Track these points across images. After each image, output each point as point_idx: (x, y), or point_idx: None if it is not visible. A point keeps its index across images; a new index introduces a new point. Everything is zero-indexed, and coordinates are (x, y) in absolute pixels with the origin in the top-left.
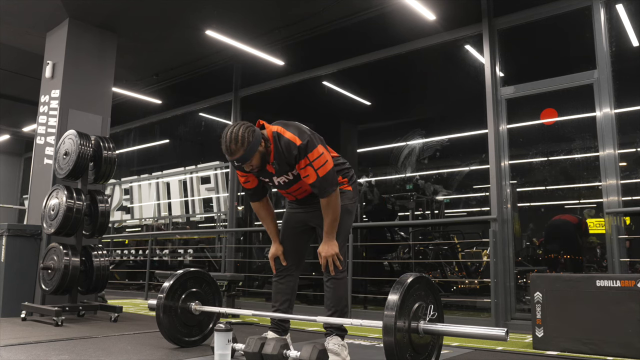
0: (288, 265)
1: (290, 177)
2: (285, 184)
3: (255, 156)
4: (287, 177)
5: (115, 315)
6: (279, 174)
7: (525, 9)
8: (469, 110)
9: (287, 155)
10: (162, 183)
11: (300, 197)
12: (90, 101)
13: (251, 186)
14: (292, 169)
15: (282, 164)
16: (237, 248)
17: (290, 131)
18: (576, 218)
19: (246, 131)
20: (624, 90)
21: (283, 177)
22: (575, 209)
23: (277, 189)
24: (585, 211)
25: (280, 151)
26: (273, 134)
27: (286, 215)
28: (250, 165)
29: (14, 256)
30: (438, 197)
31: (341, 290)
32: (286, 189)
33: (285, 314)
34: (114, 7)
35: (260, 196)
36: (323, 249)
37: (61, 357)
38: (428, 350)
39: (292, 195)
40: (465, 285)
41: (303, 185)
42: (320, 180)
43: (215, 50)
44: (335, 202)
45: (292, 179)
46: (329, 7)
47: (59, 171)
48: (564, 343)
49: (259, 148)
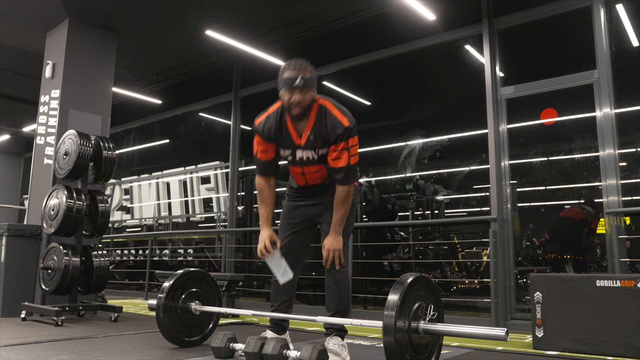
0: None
1: (315, 156)
2: (307, 161)
3: (310, 91)
4: (313, 154)
5: (115, 315)
6: (307, 147)
7: (525, 9)
8: (469, 110)
9: (329, 131)
10: (162, 183)
11: (310, 182)
12: (90, 101)
13: (267, 157)
14: (323, 147)
15: (317, 138)
16: (237, 248)
17: (339, 110)
18: (583, 214)
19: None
20: (624, 90)
21: (309, 153)
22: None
23: (292, 165)
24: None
25: (321, 124)
26: (319, 106)
27: (286, 210)
28: (303, 97)
29: (14, 256)
30: (438, 197)
31: (343, 291)
32: (303, 168)
33: (285, 314)
34: (114, 7)
35: (270, 172)
36: (329, 242)
37: (61, 357)
38: (428, 350)
39: (303, 178)
40: (465, 285)
41: (322, 170)
42: (349, 168)
43: (215, 50)
44: (350, 196)
45: (316, 159)
46: (329, 7)
47: (59, 171)
48: (564, 343)
49: (314, 88)
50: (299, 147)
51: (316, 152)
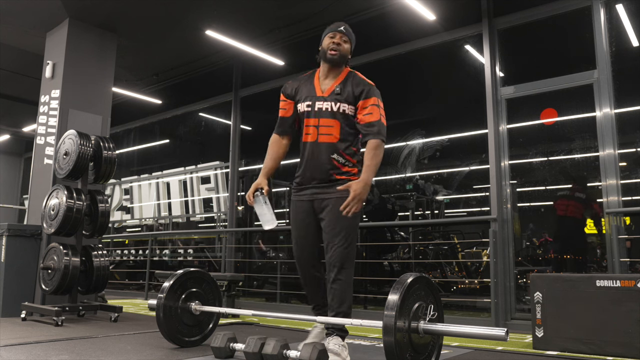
0: (306, 267)
1: (334, 108)
2: (324, 112)
3: (349, 44)
4: (332, 105)
5: (115, 315)
6: (329, 98)
7: (525, 9)
8: (469, 110)
9: (355, 86)
10: (162, 183)
11: (320, 138)
12: (90, 101)
13: (286, 114)
14: (345, 102)
15: (342, 92)
16: (237, 248)
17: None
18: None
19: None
20: (624, 90)
21: (329, 104)
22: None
23: (308, 118)
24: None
25: (349, 82)
26: (350, 71)
27: (292, 207)
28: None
29: (14, 256)
30: (438, 197)
31: (347, 291)
32: (318, 119)
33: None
34: (114, 7)
35: (285, 131)
36: (357, 186)
37: (61, 357)
38: (428, 350)
39: (316, 132)
40: (465, 285)
41: (335, 127)
42: (380, 123)
43: (215, 50)
44: (381, 152)
45: (333, 112)
46: (329, 7)
47: (59, 171)
48: (564, 343)
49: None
50: (321, 97)
51: (336, 105)
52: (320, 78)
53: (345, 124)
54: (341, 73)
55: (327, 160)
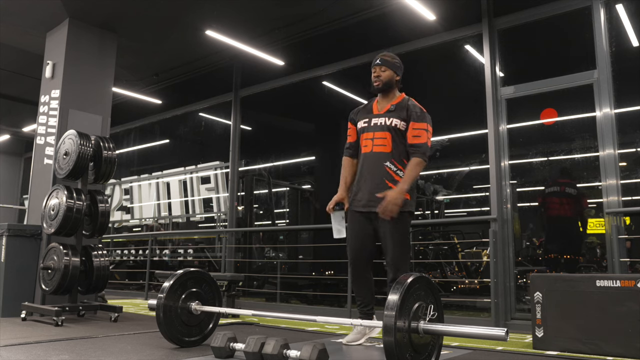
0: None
1: (387, 122)
2: (379, 126)
3: (389, 71)
4: (386, 120)
5: (115, 315)
6: (384, 115)
7: (525, 9)
8: (469, 110)
9: (409, 109)
10: (162, 183)
11: (375, 148)
12: (90, 101)
13: (351, 140)
14: (398, 119)
15: (397, 111)
16: (237, 248)
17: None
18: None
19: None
20: (624, 90)
21: (383, 119)
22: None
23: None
24: (585, 211)
25: (404, 105)
26: (406, 97)
27: (350, 216)
28: (382, 71)
29: (14, 256)
30: (438, 197)
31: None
32: (374, 132)
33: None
34: (114, 7)
35: (354, 153)
36: (392, 194)
37: (61, 357)
38: (428, 350)
39: (371, 144)
40: (465, 285)
41: (387, 139)
42: (426, 147)
43: (215, 50)
44: (421, 165)
45: (388, 126)
46: (329, 7)
47: (59, 171)
48: (564, 343)
49: (395, 72)
50: (377, 115)
51: (390, 120)
52: (378, 102)
53: (397, 136)
54: (397, 97)
55: (381, 167)
